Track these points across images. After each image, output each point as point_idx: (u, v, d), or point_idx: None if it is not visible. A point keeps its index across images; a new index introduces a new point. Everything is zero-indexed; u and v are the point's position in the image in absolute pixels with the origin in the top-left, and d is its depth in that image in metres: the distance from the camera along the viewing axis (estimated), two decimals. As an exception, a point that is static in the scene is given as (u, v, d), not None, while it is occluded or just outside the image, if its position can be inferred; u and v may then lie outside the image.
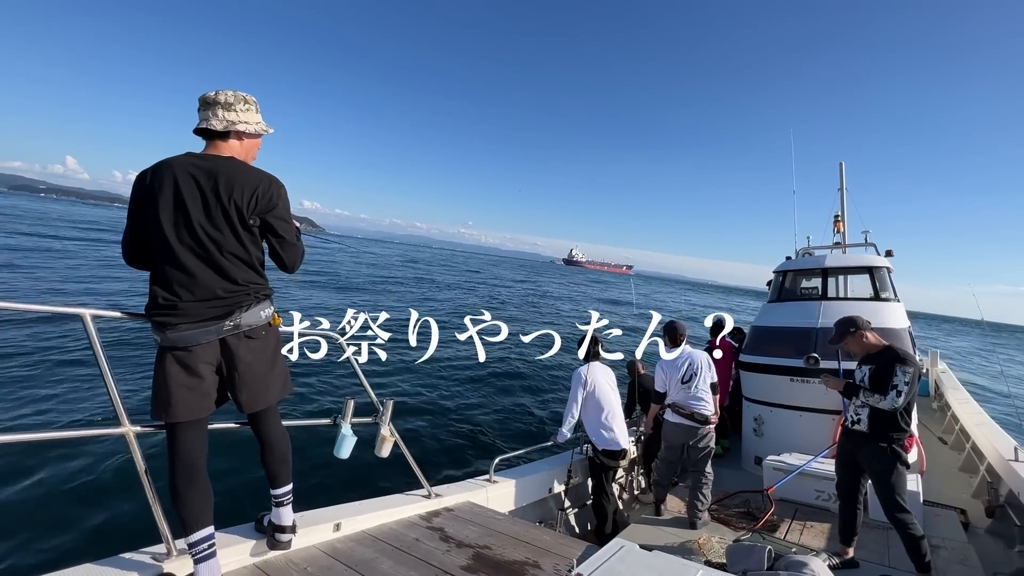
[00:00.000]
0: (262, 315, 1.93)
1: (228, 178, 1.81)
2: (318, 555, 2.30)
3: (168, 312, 1.76)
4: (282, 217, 1.96)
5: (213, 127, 1.87)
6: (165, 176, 1.77)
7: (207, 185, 1.78)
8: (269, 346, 1.98)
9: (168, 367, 1.78)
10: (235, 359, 1.86)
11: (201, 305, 1.78)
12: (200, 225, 1.77)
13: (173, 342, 1.76)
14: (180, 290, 1.77)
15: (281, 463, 2.12)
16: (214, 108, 1.87)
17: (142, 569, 1.86)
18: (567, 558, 2.44)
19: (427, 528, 2.74)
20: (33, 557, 4.07)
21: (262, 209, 1.88)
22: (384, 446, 2.70)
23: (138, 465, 1.88)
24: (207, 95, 1.88)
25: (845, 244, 7.72)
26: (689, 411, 4.24)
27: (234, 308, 1.84)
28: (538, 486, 4.06)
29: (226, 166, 1.84)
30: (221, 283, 1.82)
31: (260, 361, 1.93)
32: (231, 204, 1.80)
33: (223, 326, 1.82)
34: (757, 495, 4.49)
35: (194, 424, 1.85)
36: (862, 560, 3.43)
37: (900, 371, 3.10)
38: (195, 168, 1.80)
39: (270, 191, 1.89)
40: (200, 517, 1.82)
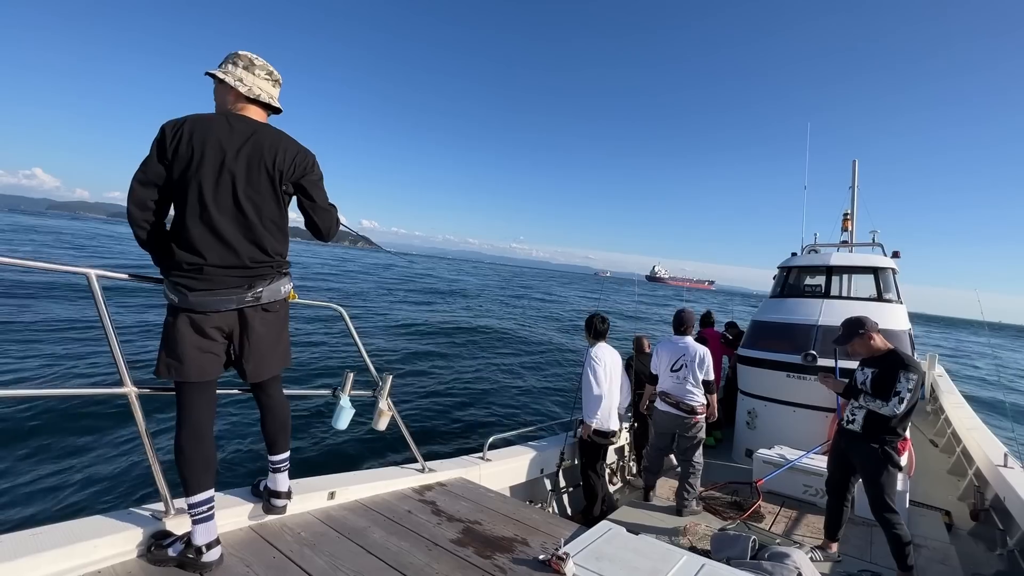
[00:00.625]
0: (282, 290, 1.95)
1: (272, 143, 1.82)
2: (312, 521, 2.35)
3: (192, 276, 1.74)
4: (318, 182, 1.98)
5: (250, 92, 1.88)
6: (208, 137, 1.73)
7: (252, 150, 1.78)
8: (280, 319, 2.01)
9: (181, 328, 1.76)
10: (249, 329, 1.87)
11: (226, 272, 1.77)
12: (243, 190, 1.76)
13: (192, 305, 1.74)
14: (209, 254, 1.74)
15: (280, 430, 2.16)
16: (252, 69, 1.89)
17: (141, 524, 1.91)
18: (555, 537, 2.49)
19: (419, 501, 2.80)
20: (35, 509, 4.18)
21: (299, 174, 1.90)
22: (381, 420, 2.73)
23: (139, 425, 1.91)
24: (247, 55, 1.89)
25: (852, 243, 7.65)
26: (676, 400, 4.26)
27: (257, 280, 1.85)
28: (531, 466, 4.13)
29: (268, 131, 1.85)
30: (252, 251, 1.81)
31: (271, 333, 1.95)
32: (274, 169, 1.81)
33: (245, 296, 1.82)
34: (745, 486, 4.56)
35: (204, 386, 1.85)
36: (845, 555, 3.49)
37: (904, 377, 3.05)
38: (238, 131, 1.78)
39: (308, 157, 1.93)
40: (202, 479, 1.84)
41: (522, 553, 2.30)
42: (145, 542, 1.89)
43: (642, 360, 5.43)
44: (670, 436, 4.39)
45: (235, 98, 1.89)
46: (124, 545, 1.84)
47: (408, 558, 2.14)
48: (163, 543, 1.86)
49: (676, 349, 4.37)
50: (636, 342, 5.68)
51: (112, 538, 1.81)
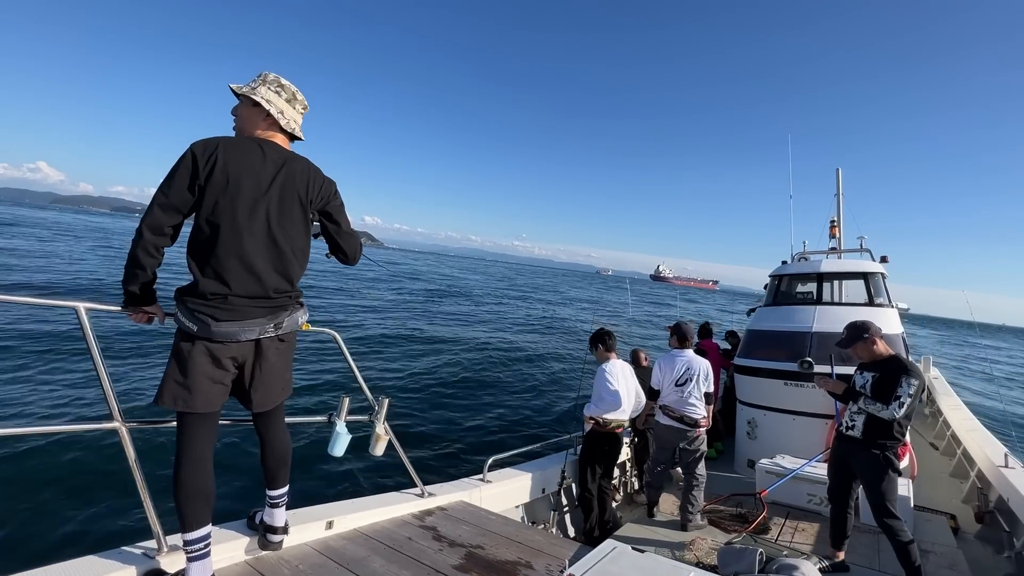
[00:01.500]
0: (299, 320, 1.95)
1: (303, 172, 1.84)
2: (310, 553, 2.30)
3: (216, 305, 1.70)
4: (340, 208, 2.01)
5: (297, 133, 1.93)
6: (243, 164, 1.71)
7: (285, 179, 1.78)
8: (291, 349, 2.01)
9: (196, 357, 1.71)
10: (263, 359, 1.85)
11: (249, 303, 1.75)
12: (277, 220, 1.76)
13: (213, 335, 1.70)
14: (236, 285, 1.71)
15: (281, 464, 2.11)
16: (293, 104, 1.92)
17: (133, 564, 1.85)
18: (559, 559, 2.44)
19: (420, 527, 2.74)
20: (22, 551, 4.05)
21: (324, 201, 1.92)
22: (378, 444, 2.69)
23: (130, 460, 1.87)
24: (290, 86, 1.92)
25: (841, 249, 7.76)
26: (679, 414, 4.24)
27: (279, 311, 1.84)
28: (532, 486, 4.07)
29: (297, 161, 1.87)
30: (279, 282, 1.81)
31: (281, 363, 1.94)
32: (306, 198, 1.82)
33: (267, 327, 1.79)
34: (750, 498, 4.51)
35: (208, 417, 1.80)
36: (852, 564, 3.45)
37: (905, 382, 3.05)
38: (272, 160, 1.78)
39: (332, 184, 1.97)
40: (201, 515, 1.78)
41: (526, 576, 2.25)
42: None
43: (640, 374, 5.41)
44: (672, 450, 4.37)
45: (268, 126, 1.88)
46: None
47: None
48: (156, 583, 1.81)
49: (679, 363, 4.35)
50: (633, 355, 5.68)
51: None
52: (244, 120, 1.89)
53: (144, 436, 5.31)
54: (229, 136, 1.82)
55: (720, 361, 6.77)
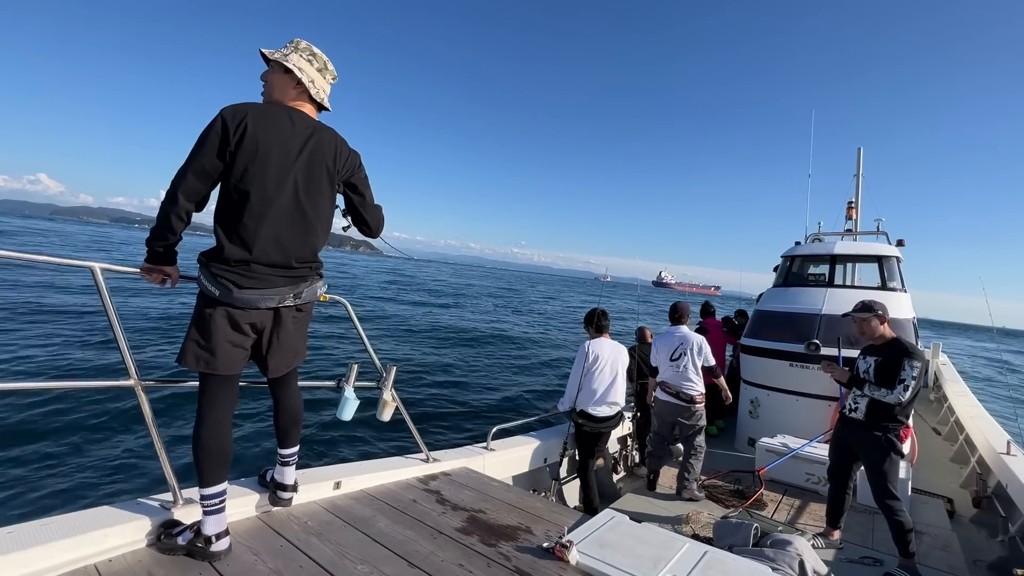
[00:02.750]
0: (319, 291, 1.97)
1: (331, 142, 1.83)
2: (318, 510, 2.38)
3: (239, 272, 1.72)
4: (365, 179, 2.00)
5: (325, 103, 1.90)
6: (271, 131, 1.70)
7: (314, 149, 1.77)
8: (308, 318, 2.04)
9: (218, 320, 1.74)
10: (281, 327, 1.88)
11: (271, 271, 1.77)
12: (305, 191, 1.76)
13: (234, 301, 1.72)
14: (260, 253, 1.71)
15: (292, 424, 2.18)
16: (324, 74, 1.89)
17: (150, 514, 1.93)
18: (559, 525, 2.51)
19: (424, 490, 2.82)
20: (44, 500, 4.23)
21: (350, 173, 1.91)
22: (385, 410, 2.75)
23: (146, 417, 1.93)
24: (333, 69, 1.90)
25: (857, 231, 7.60)
26: (676, 390, 4.39)
27: (299, 282, 1.86)
28: (534, 456, 4.15)
29: (326, 131, 1.85)
30: (303, 251, 1.82)
31: (298, 331, 1.98)
32: (334, 168, 1.82)
33: (286, 296, 1.82)
34: (748, 475, 4.58)
35: (229, 379, 1.85)
36: (846, 542, 3.52)
37: (908, 365, 3.05)
38: (301, 130, 1.77)
39: (357, 156, 1.95)
40: (219, 473, 1.85)
41: (526, 541, 2.32)
42: (155, 531, 1.91)
43: (644, 350, 5.44)
44: (671, 425, 4.49)
45: (297, 94, 1.86)
46: (134, 534, 1.87)
47: (413, 546, 2.16)
48: (172, 532, 1.89)
49: (673, 339, 4.53)
50: (639, 332, 5.70)
51: (122, 527, 1.83)
52: (274, 87, 1.85)
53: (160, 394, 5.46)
54: (258, 103, 1.79)
55: (724, 338, 6.78)
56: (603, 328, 4.27)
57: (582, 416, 4.11)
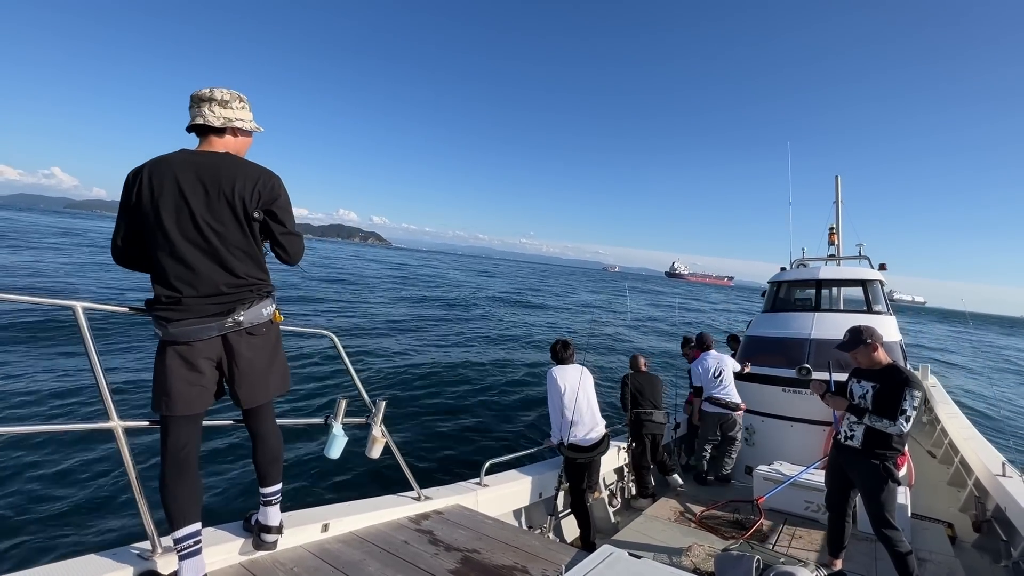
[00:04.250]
0: (264, 312, 1.94)
1: (229, 172, 1.83)
2: (305, 555, 2.29)
3: (171, 308, 1.76)
4: (285, 208, 1.98)
5: (211, 123, 1.88)
6: (165, 172, 1.77)
7: (209, 179, 1.79)
8: (270, 342, 2.00)
9: (169, 361, 1.79)
10: (236, 355, 1.88)
11: (204, 301, 1.79)
12: (203, 219, 1.78)
13: (175, 337, 1.77)
14: (182, 286, 1.77)
15: (272, 461, 2.12)
16: (210, 105, 1.87)
17: (126, 565, 1.84)
18: (556, 564, 2.43)
19: (416, 531, 2.73)
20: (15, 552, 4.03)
21: (266, 201, 1.90)
22: (375, 447, 2.69)
23: (126, 461, 1.87)
24: (201, 92, 1.88)
25: (839, 256, 7.77)
26: (724, 401, 5.47)
27: (236, 304, 1.85)
28: (528, 491, 4.06)
29: (226, 160, 1.86)
30: (224, 277, 1.83)
31: (260, 357, 1.95)
32: (234, 197, 1.81)
33: (225, 322, 1.83)
34: (747, 504, 4.50)
35: (189, 419, 1.85)
36: (850, 572, 3.44)
37: (910, 395, 3.00)
38: (196, 164, 1.81)
39: (271, 183, 1.92)
40: (187, 512, 1.81)
41: (522, 582, 2.24)
42: None
43: (638, 379, 5.40)
44: (716, 428, 5.56)
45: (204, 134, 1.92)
46: None
47: None
48: (150, 584, 1.80)
49: (709, 361, 5.68)
50: (632, 361, 5.67)
51: None
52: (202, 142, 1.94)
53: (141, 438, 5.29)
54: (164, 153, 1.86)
55: None
56: (565, 360, 4.35)
57: (571, 449, 4.07)
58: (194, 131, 1.92)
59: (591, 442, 4.10)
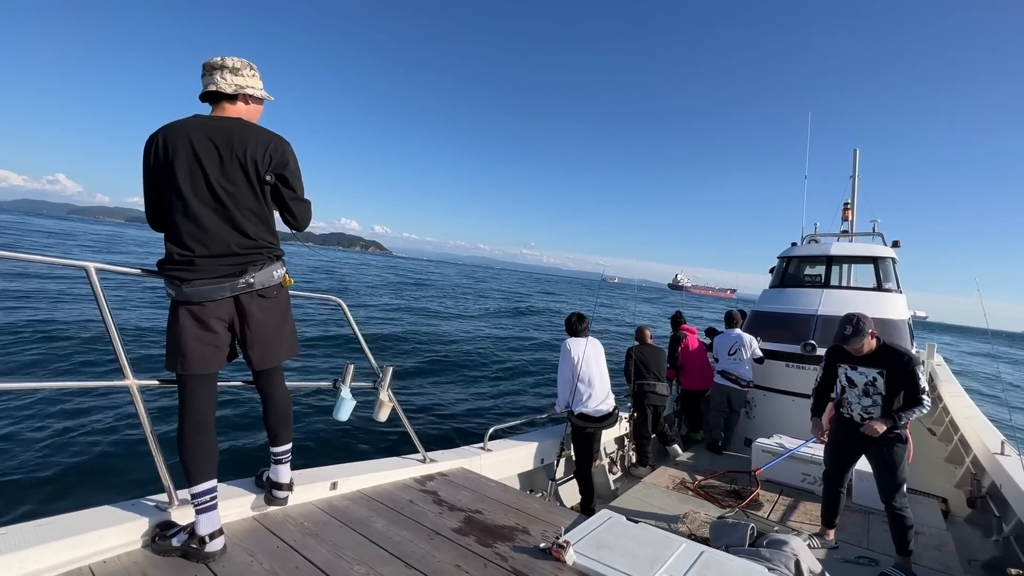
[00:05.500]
0: (275, 275, 1.97)
1: (242, 135, 1.85)
2: (314, 511, 2.37)
3: (184, 267, 1.79)
4: (295, 173, 2.00)
5: (223, 89, 1.89)
6: (179, 136, 1.79)
7: (222, 143, 1.81)
8: (280, 305, 2.04)
9: (182, 321, 1.82)
10: (248, 316, 1.91)
11: (216, 261, 1.82)
12: (217, 180, 1.80)
13: (188, 296, 1.79)
14: (195, 245, 1.80)
15: (282, 422, 2.18)
16: (222, 72, 1.89)
17: (145, 515, 1.92)
18: (556, 526, 2.51)
19: (421, 491, 2.82)
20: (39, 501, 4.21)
21: (277, 165, 1.92)
22: (382, 411, 2.75)
23: (141, 417, 1.93)
24: (213, 60, 1.90)
25: (852, 232, 7.64)
26: (734, 376, 5.79)
27: (247, 266, 1.88)
28: (531, 456, 4.15)
29: (239, 124, 1.88)
30: (236, 238, 1.85)
31: (271, 319, 1.99)
32: (247, 159, 1.84)
33: (237, 283, 1.85)
34: (744, 475, 4.59)
35: (205, 378, 1.89)
36: (842, 542, 3.53)
37: (918, 371, 3.11)
38: (208, 127, 1.82)
39: (282, 147, 1.94)
40: (205, 470, 1.87)
41: (523, 542, 2.32)
42: (149, 532, 1.90)
43: (643, 351, 5.44)
44: (727, 401, 5.86)
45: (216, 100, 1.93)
46: (128, 536, 1.86)
47: (410, 547, 2.16)
48: (167, 533, 1.88)
49: (731, 338, 5.93)
50: (639, 333, 5.69)
51: (116, 529, 1.83)
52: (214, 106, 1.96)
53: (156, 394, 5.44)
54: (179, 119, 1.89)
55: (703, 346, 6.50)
56: (580, 331, 4.37)
57: (580, 418, 4.13)
58: (207, 99, 1.94)
59: (602, 413, 4.16)
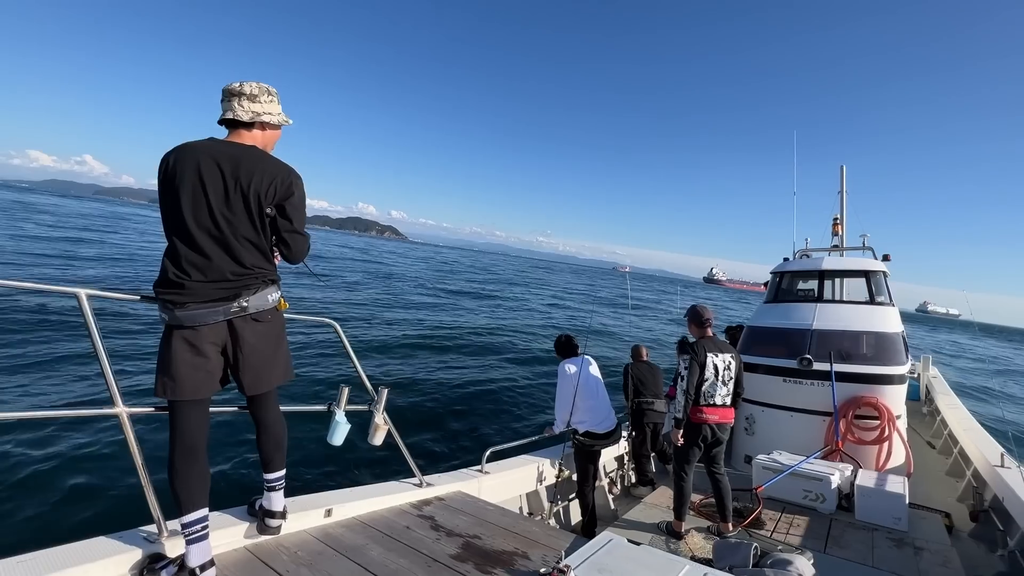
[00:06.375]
0: (269, 299, 1.96)
1: (249, 166, 1.86)
2: (309, 540, 2.32)
3: (177, 291, 1.78)
4: (297, 206, 2.00)
5: (240, 117, 1.92)
6: (188, 160, 1.81)
7: (228, 171, 1.82)
8: (274, 330, 2.02)
9: (175, 345, 1.80)
10: (241, 341, 1.89)
11: (210, 286, 1.81)
12: (218, 209, 1.81)
13: (180, 321, 1.79)
14: (191, 269, 1.80)
15: (276, 448, 2.15)
16: (239, 99, 1.92)
17: (134, 547, 1.87)
18: (555, 550, 2.46)
19: (418, 516, 2.76)
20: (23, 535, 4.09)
21: (280, 197, 1.92)
22: (377, 434, 2.71)
23: (131, 446, 1.89)
24: (232, 86, 1.93)
25: (843, 247, 7.73)
26: None
27: (241, 290, 1.87)
28: (529, 478, 4.09)
29: (248, 154, 1.89)
30: (232, 265, 1.85)
31: (265, 344, 1.97)
32: (250, 191, 1.84)
33: (230, 307, 1.85)
34: (745, 493, 4.54)
35: (197, 404, 1.87)
36: (848, 560, 3.48)
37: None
38: (218, 154, 1.84)
39: (288, 180, 1.94)
40: (196, 498, 1.84)
41: (522, 566, 2.28)
42: (138, 565, 1.85)
43: (640, 369, 5.44)
44: None
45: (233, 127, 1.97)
46: (116, 569, 1.81)
47: (407, 575, 2.11)
48: (156, 566, 1.83)
49: None
50: (634, 350, 5.69)
51: (104, 562, 1.78)
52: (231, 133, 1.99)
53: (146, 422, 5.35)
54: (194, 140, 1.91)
55: None
56: (573, 353, 4.41)
57: (586, 436, 4.13)
58: (225, 124, 1.97)
59: (607, 430, 4.21)
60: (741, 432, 5.96)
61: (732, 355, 3.83)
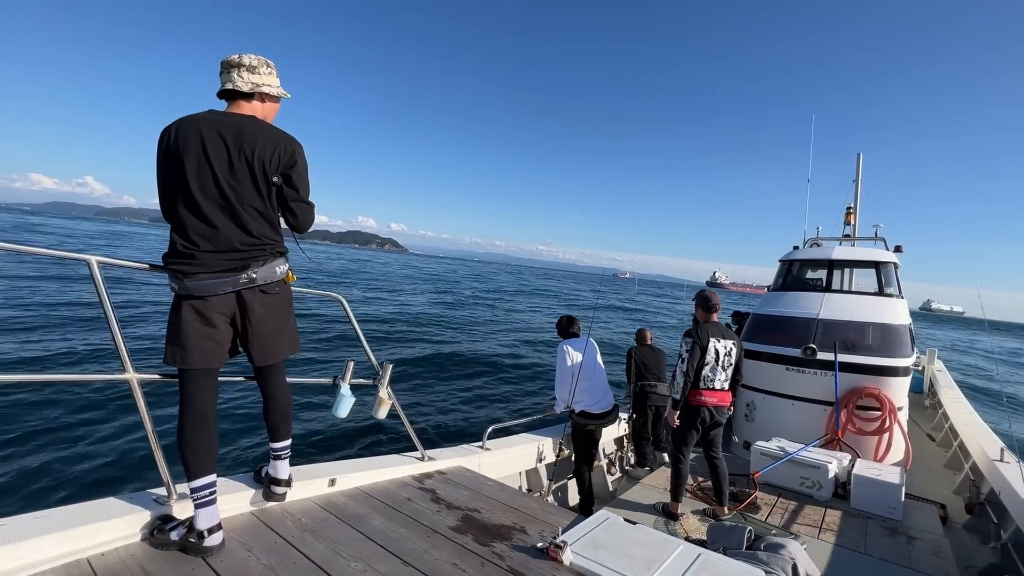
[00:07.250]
0: (277, 271, 1.98)
1: (252, 134, 1.86)
2: (313, 507, 2.38)
3: (187, 261, 1.80)
4: (302, 175, 2.01)
5: (240, 87, 1.92)
6: (191, 131, 1.81)
7: (231, 140, 1.82)
8: (282, 302, 2.04)
9: (184, 315, 1.82)
10: (249, 312, 1.92)
11: (219, 256, 1.83)
12: (223, 178, 1.82)
13: (190, 291, 1.80)
14: (199, 240, 1.81)
15: (282, 418, 2.19)
16: (239, 70, 1.92)
17: (144, 508, 1.93)
18: (553, 526, 2.51)
19: (419, 489, 2.82)
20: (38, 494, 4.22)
21: (285, 165, 1.93)
22: (381, 408, 2.75)
23: (141, 411, 1.93)
24: (231, 58, 1.92)
25: (855, 236, 7.62)
26: None
27: (250, 261, 1.89)
28: (529, 456, 4.15)
29: (250, 123, 1.89)
30: (239, 235, 1.86)
31: (273, 315, 1.99)
32: (254, 159, 1.85)
33: (239, 278, 1.86)
34: (743, 478, 4.59)
35: (206, 373, 1.90)
36: (840, 547, 3.52)
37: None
38: (220, 124, 1.84)
39: (291, 148, 1.95)
40: (204, 464, 1.88)
41: (520, 541, 2.33)
42: (148, 526, 1.91)
43: (644, 352, 5.45)
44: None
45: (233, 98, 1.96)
46: (127, 529, 1.86)
47: (407, 544, 2.17)
48: (165, 527, 1.88)
49: None
50: (639, 334, 5.69)
51: (115, 522, 1.83)
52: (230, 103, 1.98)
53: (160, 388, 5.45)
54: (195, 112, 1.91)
55: None
56: (573, 333, 4.42)
57: (582, 416, 4.14)
58: (224, 96, 1.96)
59: (603, 410, 4.21)
60: (741, 418, 5.99)
61: (734, 342, 3.84)
